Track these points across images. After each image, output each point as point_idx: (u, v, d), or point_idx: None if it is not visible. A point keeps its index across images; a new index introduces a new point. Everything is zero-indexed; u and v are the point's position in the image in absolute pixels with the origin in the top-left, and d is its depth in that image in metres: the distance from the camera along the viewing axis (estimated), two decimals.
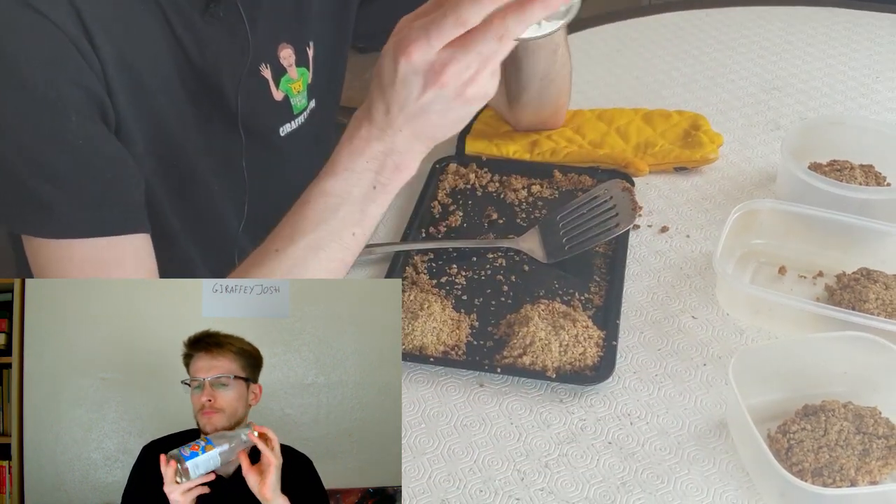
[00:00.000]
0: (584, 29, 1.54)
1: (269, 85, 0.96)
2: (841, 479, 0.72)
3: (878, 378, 0.79)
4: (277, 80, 0.96)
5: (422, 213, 1.06)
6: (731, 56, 1.42)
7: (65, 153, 0.76)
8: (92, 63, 0.77)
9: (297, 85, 0.99)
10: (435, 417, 0.82)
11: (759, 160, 1.16)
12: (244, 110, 0.92)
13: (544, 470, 0.77)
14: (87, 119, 0.77)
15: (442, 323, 0.89)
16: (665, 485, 0.75)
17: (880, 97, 1.29)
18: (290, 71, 0.97)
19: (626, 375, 0.85)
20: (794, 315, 0.87)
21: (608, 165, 1.13)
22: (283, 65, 0.96)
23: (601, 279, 0.96)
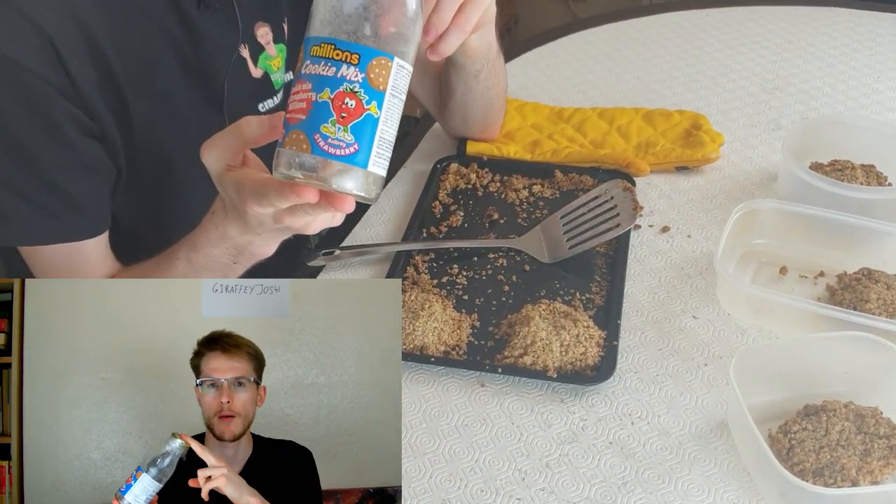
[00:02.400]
0: (584, 29, 1.54)
1: (247, 64, 0.97)
2: (842, 479, 0.72)
3: (879, 378, 0.79)
4: (255, 58, 0.98)
5: (423, 213, 1.06)
6: (731, 56, 1.42)
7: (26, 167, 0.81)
8: (64, 90, 0.79)
9: (276, 61, 1.00)
10: (436, 417, 0.82)
11: (760, 160, 1.16)
12: (227, 91, 0.93)
13: (545, 470, 0.77)
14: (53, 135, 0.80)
15: (443, 323, 0.89)
16: (666, 485, 0.75)
17: (881, 97, 1.29)
18: (269, 48, 0.99)
19: (627, 375, 0.85)
20: (795, 315, 0.87)
21: (609, 165, 1.13)
22: (261, 42, 0.97)
23: (602, 279, 0.96)
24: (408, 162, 1.19)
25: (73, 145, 0.82)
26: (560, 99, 1.32)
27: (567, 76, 1.39)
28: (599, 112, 1.23)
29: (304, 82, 0.59)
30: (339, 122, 0.59)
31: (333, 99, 0.59)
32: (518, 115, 1.25)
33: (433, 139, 1.24)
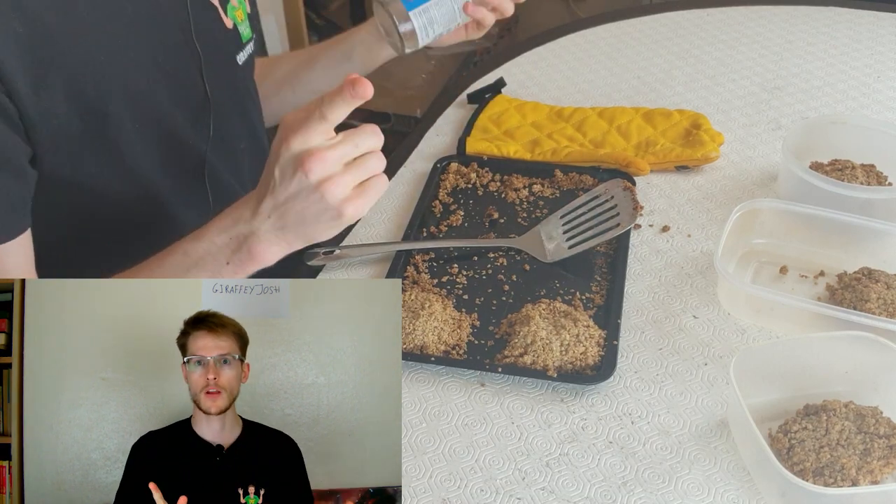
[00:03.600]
0: (585, 28, 1.54)
1: (218, 11, 0.98)
2: (842, 478, 0.72)
3: (879, 378, 0.79)
4: (224, 6, 0.99)
5: (423, 212, 1.06)
6: (731, 55, 1.42)
7: None
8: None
9: (239, 12, 1.02)
10: (436, 417, 0.82)
11: (761, 159, 1.16)
12: (199, 30, 0.93)
13: (545, 469, 0.77)
14: None
15: (443, 322, 0.89)
16: (666, 484, 0.75)
17: (881, 96, 1.29)
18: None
19: (627, 375, 0.85)
20: (796, 315, 0.87)
21: (609, 165, 1.13)
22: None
23: (602, 278, 0.96)
24: (408, 161, 1.19)
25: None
26: (560, 98, 1.32)
27: (567, 75, 1.39)
28: (599, 111, 1.23)
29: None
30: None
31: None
32: (518, 114, 1.25)
33: (433, 139, 1.24)
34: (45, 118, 0.81)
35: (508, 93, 1.32)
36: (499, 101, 1.28)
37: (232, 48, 1.02)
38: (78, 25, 0.82)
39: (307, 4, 2.65)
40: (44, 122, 0.81)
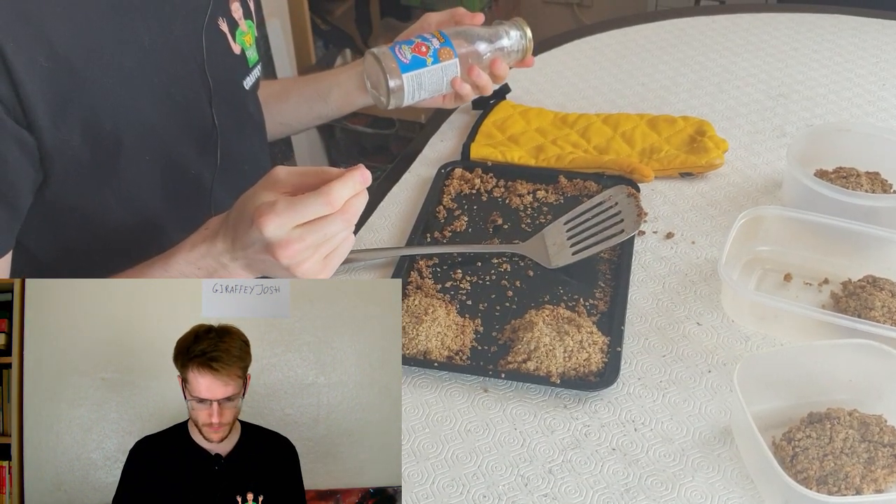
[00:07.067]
0: (590, 35, 1.54)
1: (227, 39, 0.98)
2: (846, 487, 0.72)
3: (883, 386, 0.79)
4: (233, 33, 0.99)
5: (427, 217, 1.06)
6: (736, 62, 1.42)
7: None
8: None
9: (248, 37, 1.02)
10: (439, 422, 0.82)
11: (765, 167, 1.15)
12: (210, 60, 0.93)
13: (548, 476, 0.77)
14: None
15: (446, 328, 0.88)
16: (669, 492, 0.75)
17: (886, 104, 1.29)
18: (241, 24, 1.00)
19: (630, 382, 0.85)
20: (800, 322, 0.87)
21: (613, 171, 1.12)
22: (235, 17, 0.99)
23: (606, 285, 0.96)
24: (412, 167, 1.19)
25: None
26: (565, 104, 1.32)
27: (572, 82, 1.39)
28: (604, 118, 1.23)
29: None
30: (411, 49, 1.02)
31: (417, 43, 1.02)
32: (522, 120, 1.25)
33: (438, 144, 1.24)
34: (60, 150, 0.81)
35: (513, 98, 1.32)
36: (503, 107, 1.28)
37: (239, 74, 1.02)
38: (100, 61, 0.82)
39: (312, 10, 2.66)
40: (59, 153, 0.81)
